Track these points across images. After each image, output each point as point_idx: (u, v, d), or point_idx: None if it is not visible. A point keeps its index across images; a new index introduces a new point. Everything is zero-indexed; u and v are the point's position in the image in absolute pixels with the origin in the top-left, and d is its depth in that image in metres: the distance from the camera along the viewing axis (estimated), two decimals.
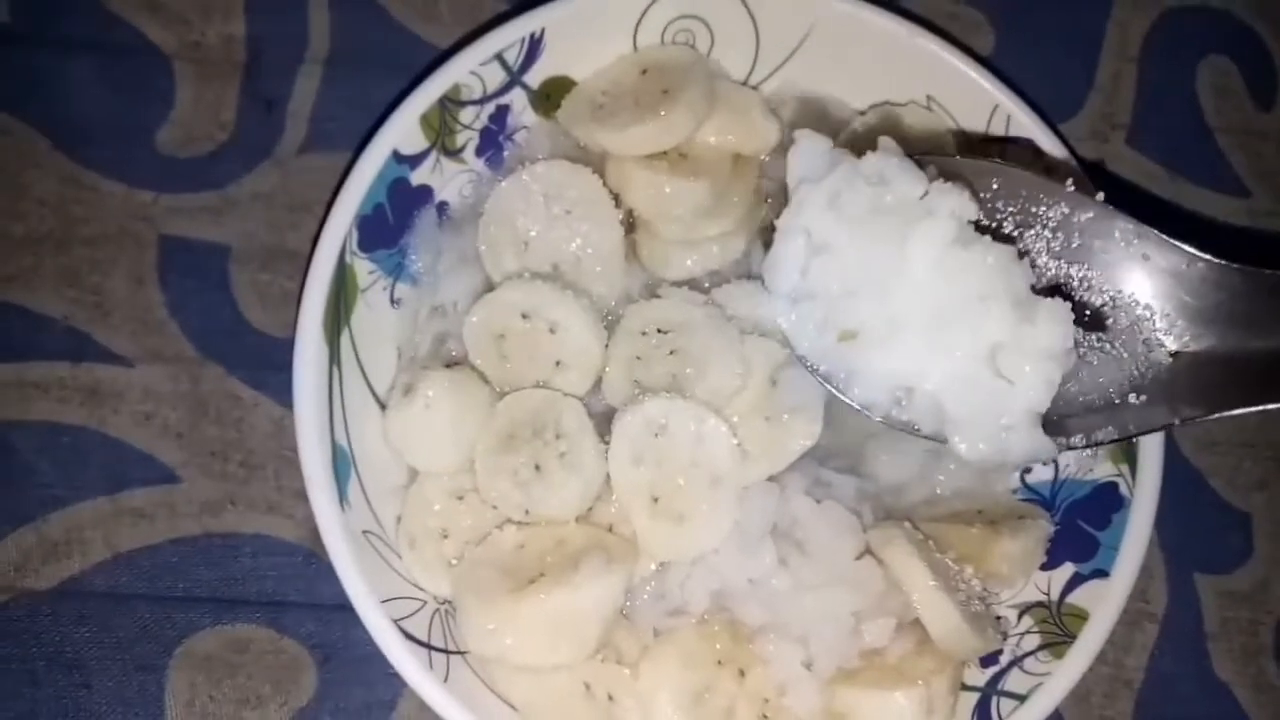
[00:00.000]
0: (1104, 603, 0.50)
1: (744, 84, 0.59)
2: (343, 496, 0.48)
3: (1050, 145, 0.56)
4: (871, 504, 0.53)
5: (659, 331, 0.52)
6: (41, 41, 0.61)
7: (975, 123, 0.57)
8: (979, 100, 0.57)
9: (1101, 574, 0.51)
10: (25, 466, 0.55)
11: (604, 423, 0.51)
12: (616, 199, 0.55)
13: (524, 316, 0.52)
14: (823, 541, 0.50)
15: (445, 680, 0.47)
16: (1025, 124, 0.56)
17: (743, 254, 0.56)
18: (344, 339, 0.51)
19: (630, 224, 0.56)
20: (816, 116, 0.59)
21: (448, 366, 0.53)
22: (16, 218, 0.59)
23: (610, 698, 0.49)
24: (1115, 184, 0.65)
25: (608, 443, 0.50)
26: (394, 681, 0.54)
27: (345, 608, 0.54)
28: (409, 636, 0.47)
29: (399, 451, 0.51)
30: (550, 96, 0.57)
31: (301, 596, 0.55)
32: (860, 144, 0.51)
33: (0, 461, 0.55)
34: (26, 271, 0.58)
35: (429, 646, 0.48)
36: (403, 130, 0.52)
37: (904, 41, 0.56)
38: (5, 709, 0.52)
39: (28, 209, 0.59)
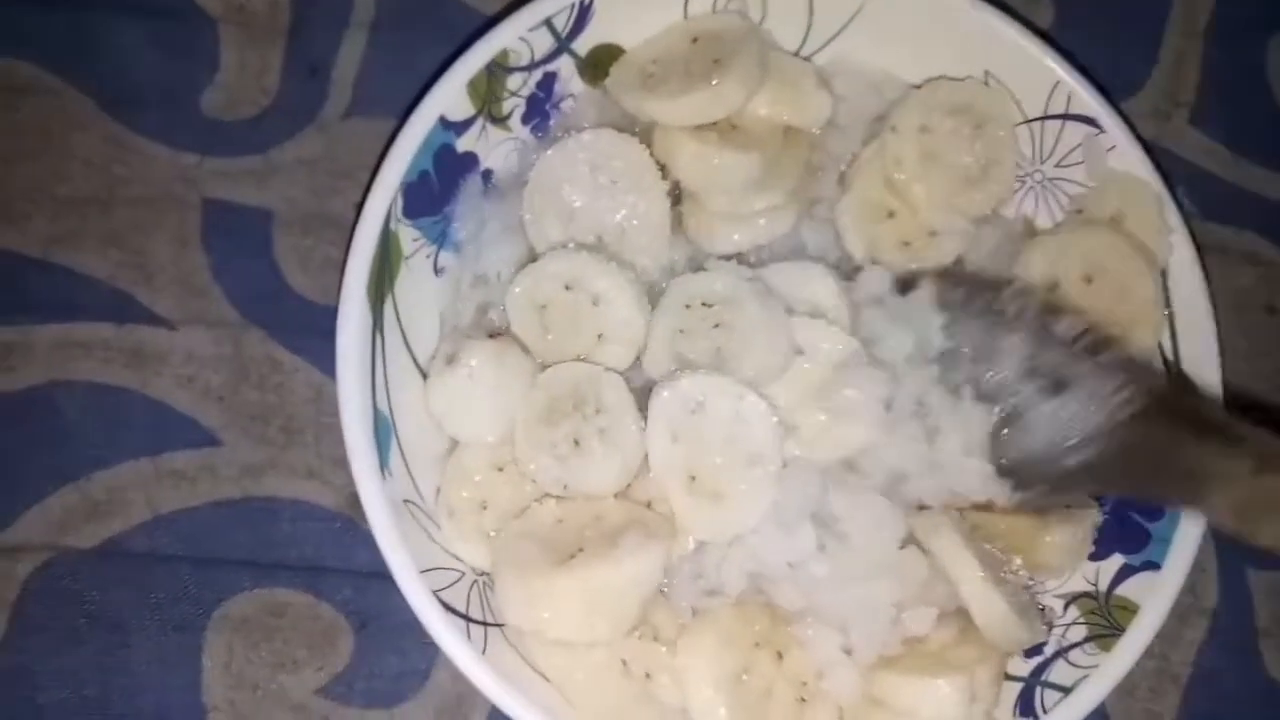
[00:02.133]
0: (1155, 596, 0.49)
1: (796, 54, 0.58)
2: (384, 465, 0.48)
3: (1111, 124, 0.54)
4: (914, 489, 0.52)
5: (703, 305, 0.51)
6: (88, 3, 0.61)
7: (1034, 99, 0.55)
8: (1039, 77, 0.55)
9: (1153, 566, 0.50)
10: (69, 426, 0.56)
11: (645, 397, 0.51)
12: (663, 170, 0.54)
13: (567, 288, 0.51)
14: (865, 531, 0.49)
15: (483, 652, 0.47)
16: (1087, 102, 0.54)
17: (791, 228, 0.55)
18: (387, 306, 0.50)
19: (676, 196, 0.55)
20: (870, 89, 0.57)
21: (490, 336, 0.52)
22: (62, 179, 0.59)
23: (647, 675, 0.49)
24: (1176, 163, 0.63)
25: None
26: (428, 650, 0.55)
27: (381, 575, 0.53)
28: (448, 608, 0.47)
29: (439, 420, 0.51)
30: (598, 64, 0.56)
31: (339, 562, 0.55)
32: None
33: (44, 420, 0.56)
34: (72, 232, 0.58)
35: (467, 618, 0.48)
36: (450, 96, 0.51)
37: (963, 14, 0.55)
38: (46, 665, 0.53)
39: (73, 170, 0.59)
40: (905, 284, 0.53)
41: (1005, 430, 0.49)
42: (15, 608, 0.53)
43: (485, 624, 0.49)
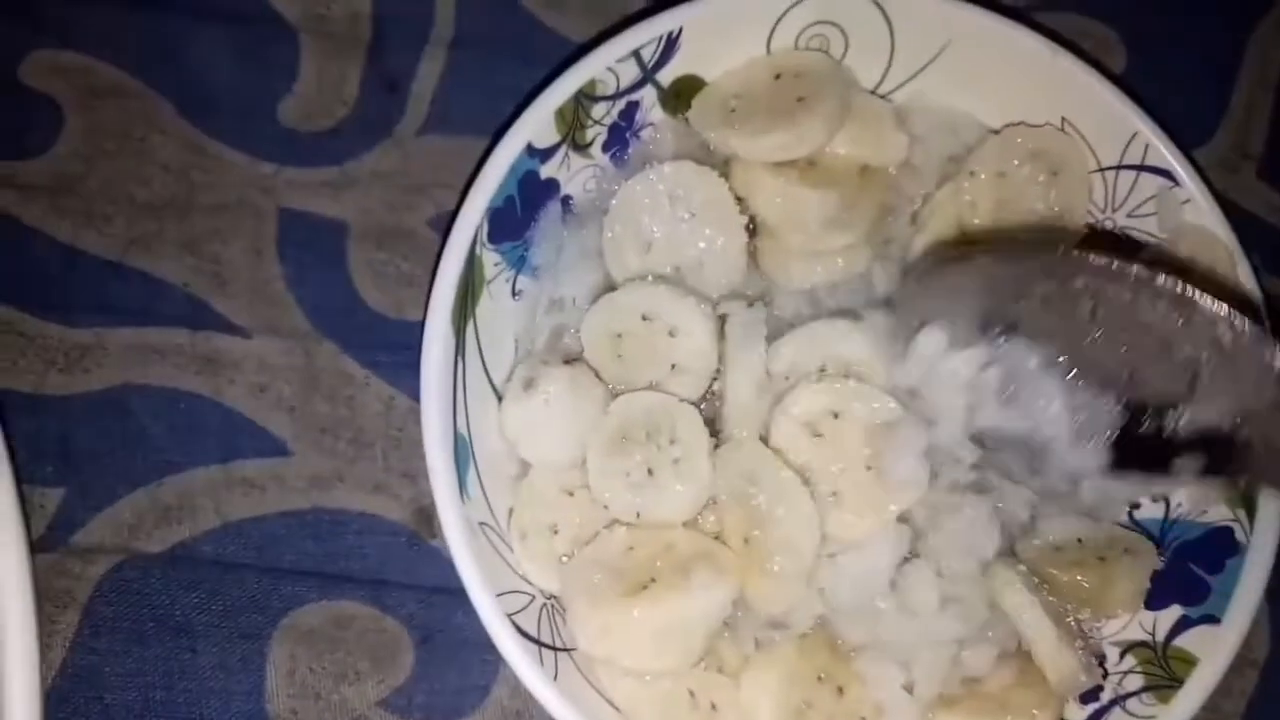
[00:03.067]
0: (1215, 649, 0.50)
1: (874, 93, 0.59)
2: (463, 487, 0.48)
3: (1188, 178, 0.55)
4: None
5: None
6: (170, 7, 0.61)
7: (1111, 148, 0.56)
8: (1117, 126, 0.55)
9: (1212, 620, 0.51)
10: (141, 430, 0.56)
11: (714, 428, 0.52)
12: (741, 203, 0.54)
13: (644, 318, 0.52)
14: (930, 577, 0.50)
15: (555, 678, 0.47)
16: (1164, 155, 0.55)
17: (865, 267, 0.55)
18: (469, 330, 0.51)
19: (752, 230, 0.55)
20: (947, 131, 0.58)
21: (565, 363, 0.53)
22: (141, 182, 0.59)
23: (713, 706, 0.49)
24: (1241, 215, 0.64)
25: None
26: (488, 666, 0.55)
27: (445, 590, 0.55)
28: (522, 633, 0.47)
29: (514, 444, 0.52)
30: (680, 95, 0.56)
31: (404, 577, 0.56)
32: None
33: (118, 423, 0.56)
34: (149, 236, 0.59)
35: (539, 643, 0.48)
36: (538, 123, 0.52)
37: (1044, 61, 0.55)
38: (114, 666, 0.54)
39: (151, 174, 0.59)
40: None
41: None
42: (86, 609, 0.54)
43: (555, 649, 0.49)
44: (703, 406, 0.53)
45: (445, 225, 0.50)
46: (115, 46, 0.60)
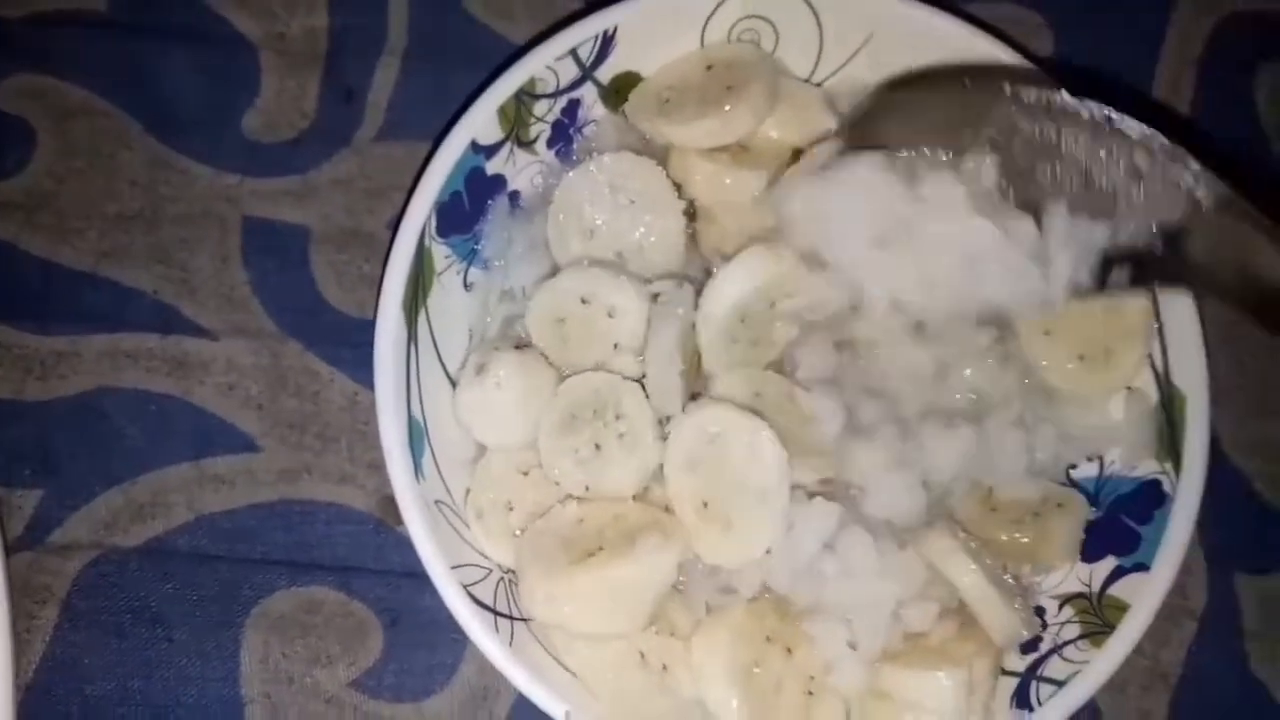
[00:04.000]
0: (1144, 595, 0.52)
1: (806, 82, 0.61)
2: (418, 468, 0.51)
3: None
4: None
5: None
6: (137, 30, 0.64)
7: None
8: None
9: (1142, 567, 0.53)
10: (116, 431, 0.59)
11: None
12: (679, 189, 0.57)
13: (583, 301, 0.54)
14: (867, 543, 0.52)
15: (510, 644, 0.49)
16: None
17: None
18: (421, 319, 0.53)
19: (691, 214, 0.58)
20: None
21: (516, 349, 0.55)
22: (111, 197, 0.62)
23: (665, 667, 0.52)
24: None
25: (665, 424, 0.53)
26: (455, 645, 0.57)
27: (412, 575, 0.57)
28: (478, 602, 0.49)
29: (468, 428, 0.54)
30: (620, 91, 0.59)
31: (371, 563, 0.58)
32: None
33: (93, 425, 0.59)
34: (119, 248, 0.61)
35: (495, 612, 0.51)
36: (481, 121, 0.54)
37: (964, 43, 0.58)
38: (94, 657, 0.56)
39: (121, 189, 0.62)
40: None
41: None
42: (65, 603, 0.56)
43: (512, 618, 0.51)
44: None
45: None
46: (85, 69, 0.63)
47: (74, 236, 0.61)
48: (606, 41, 0.57)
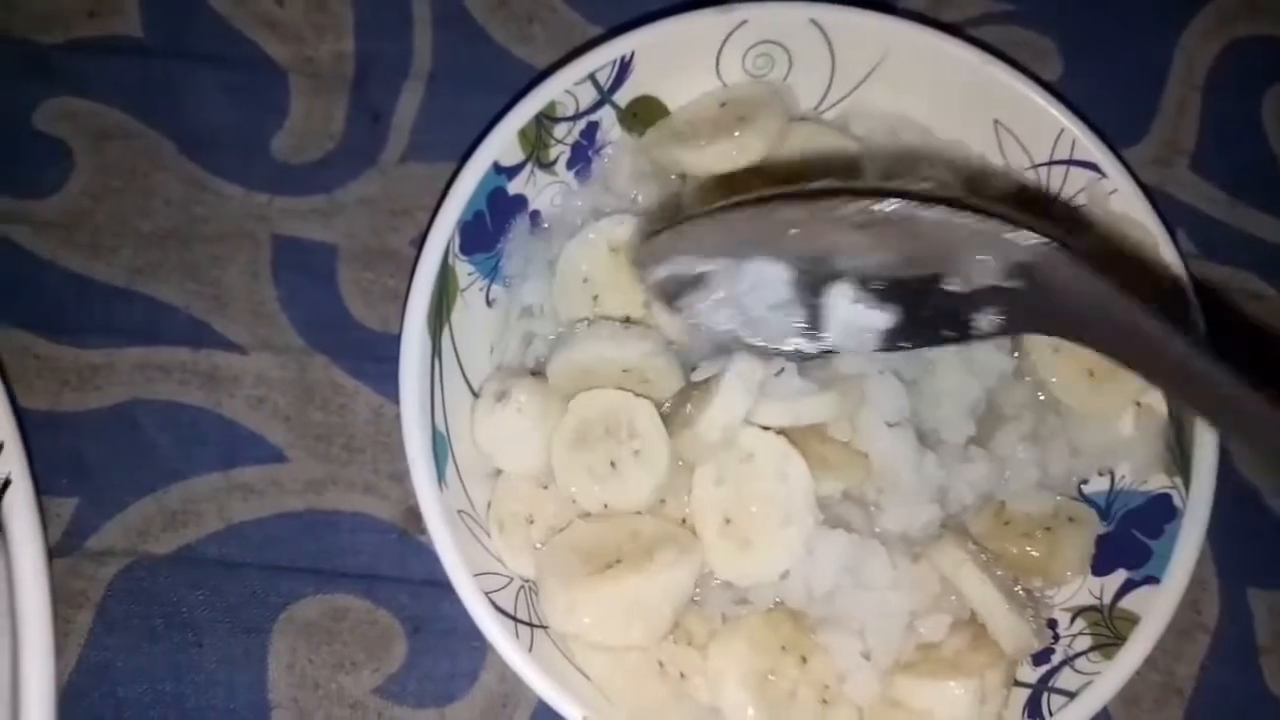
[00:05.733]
0: (1155, 607, 0.52)
1: (819, 105, 0.63)
2: (441, 477, 0.52)
3: (1112, 169, 0.58)
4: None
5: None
6: (172, 55, 0.66)
7: (1041, 146, 0.60)
8: (1045, 125, 0.59)
9: (1153, 580, 0.53)
10: (148, 441, 0.60)
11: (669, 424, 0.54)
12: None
13: (608, 359, 0.54)
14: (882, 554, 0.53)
15: (530, 651, 0.50)
16: (1089, 148, 0.59)
17: None
18: (444, 334, 0.55)
19: None
20: (887, 132, 0.62)
21: (533, 373, 0.56)
22: (145, 215, 0.64)
23: (682, 676, 0.53)
24: (1176, 207, 0.67)
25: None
26: (477, 653, 0.59)
27: (434, 583, 0.59)
28: (498, 609, 0.51)
29: (488, 454, 0.55)
30: (637, 114, 0.61)
31: (395, 571, 0.59)
32: None
33: (127, 436, 0.61)
34: (153, 265, 0.63)
35: (515, 619, 0.52)
36: (503, 143, 0.56)
37: (975, 68, 0.59)
38: (127, 661, 0.57)
39: (156, 208, 0.64)
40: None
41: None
42: (100, 608, 0.58)
43: (531, 625, 0.53)
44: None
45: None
46: (121, 93, 0.66)
47: (109, 254, 0.63)
48: (624, 66, 0.58)
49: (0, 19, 0.66)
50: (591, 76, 0.58)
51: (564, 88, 0.57)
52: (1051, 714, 0.52)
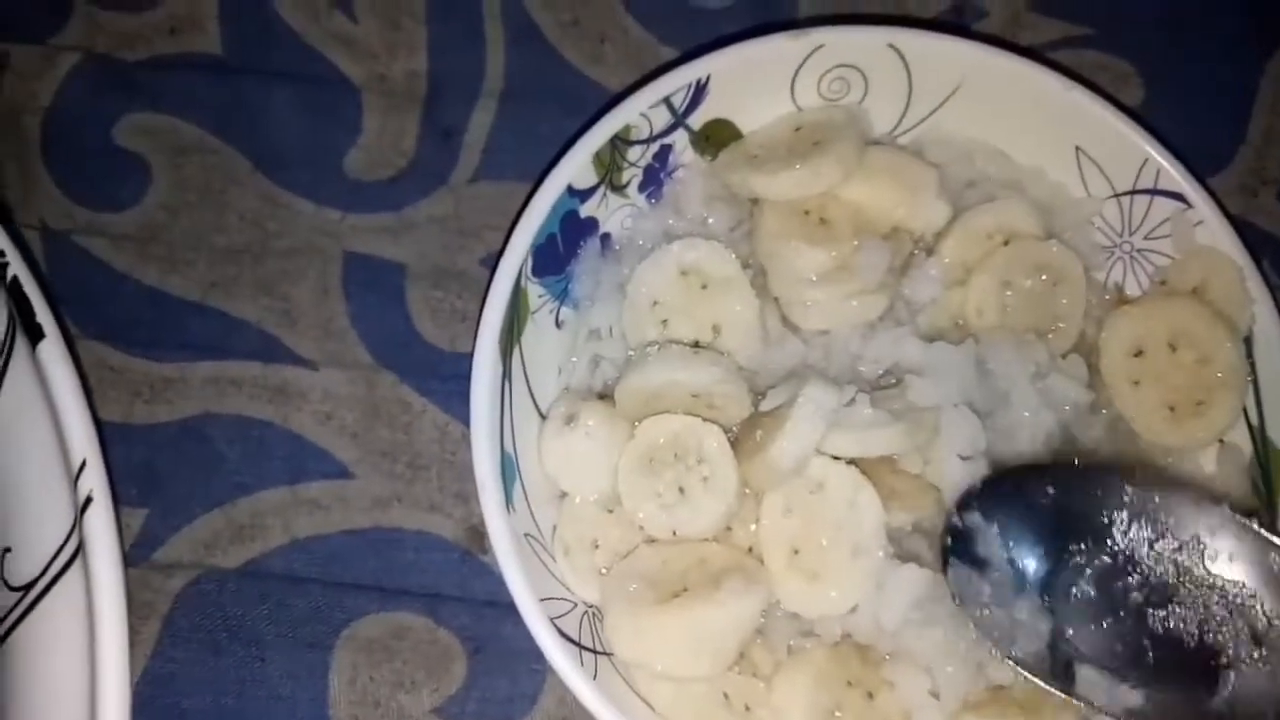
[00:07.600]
0: None
1: (894, 130, 0.62)
2: (509, 500, 0.52)
3: (1198, 199, 0.57)
4: None
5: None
6: (249, 72, 0.67)
7: (1124, 174, 0.59)
8: (1129, 153, 0.58)
9: None
10: (217, 455, 0.61)
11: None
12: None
13: (677, 383, 0.54)
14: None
15: (594, 678, 0.50)
16: (1174, 178, 0.57)
17: (884, 311, 0.57)
18: (515, 356, 0.55)
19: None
20: (964, 158, 0.61)
21: (600, 397, 0.56)
22: (220, 230, 0.65)
23: (747, 708, 0.52)
24: (1264, 237, 0.65)
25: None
26: (537, 675, 0.58)
27: (495, 604, 0.58)
28: (562, 634, 0.50)
29: (554, 477, 0.55)
30: (710, 137, 0.60)
31: (457, 591, 0.59)
32: None
33: (196, 449, 0.61)
34: (228, 280, 0.64)
35: (579, 645, 0.51)
36: (577, 166, 0.56)
37: (1056, 93, 0.58)
38: (190, 673, 0.58)
39: (230, 223, 0.65)
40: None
41: None
42: (166, 620, 0.58)
43: (595, 652, 0.52)
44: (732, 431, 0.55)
45: (495, 264, 0.55)
46: (198, 109, 0.67)
47: (184, 267, 0.64)
48: (700, 90, 0.58)
49: (85, 36, 0.67)
50: (667, 100, 0.57)
51: (639, 110, 0.57)
52: None
